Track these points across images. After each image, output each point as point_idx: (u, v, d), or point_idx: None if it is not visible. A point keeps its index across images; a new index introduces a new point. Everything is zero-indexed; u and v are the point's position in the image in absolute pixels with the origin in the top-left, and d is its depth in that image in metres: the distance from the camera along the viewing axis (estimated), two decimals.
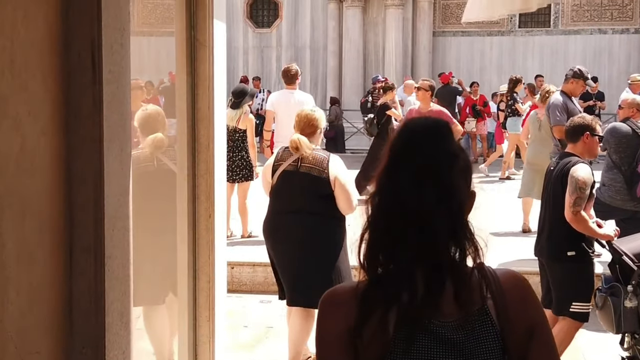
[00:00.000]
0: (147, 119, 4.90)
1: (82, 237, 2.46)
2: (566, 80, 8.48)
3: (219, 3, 4.46)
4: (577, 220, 5.19)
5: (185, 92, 4.34)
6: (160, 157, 4.75)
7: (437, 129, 1.81)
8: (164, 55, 5.21)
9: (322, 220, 5.30)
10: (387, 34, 22.21)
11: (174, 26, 4.32)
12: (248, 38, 24.17)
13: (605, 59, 22.37)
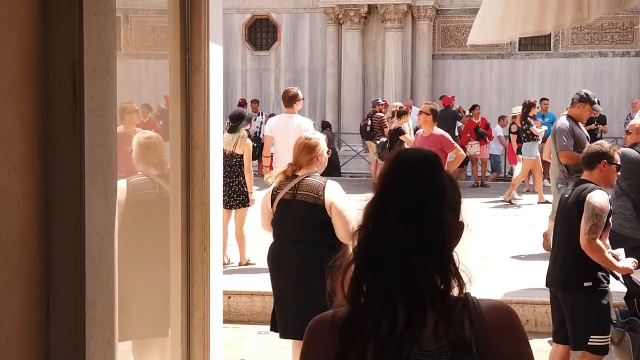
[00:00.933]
0: (147, 145, 4.69)
1: (60, 283, 2.22)
2: (573, 105, 8.28)
3: (215, 26, 4.25)
4: (593, 248, 4.97)
5: (179, 119, 4.12)
6: (163, 185, 4.54)
7: (427, 163, 1.85)
8: (161, 78, 4.99)
9: (321, 249, 5.07)
10: (386, 57, 22.08)
11: (168, 50, 4.10)
12: (247, 61, 24.04)
13: (606, 82, 22.22)
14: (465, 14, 22.84)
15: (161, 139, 4.75)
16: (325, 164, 5.31)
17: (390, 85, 21.98)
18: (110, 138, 2.43)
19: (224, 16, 17.73)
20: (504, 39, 4.49)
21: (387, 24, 21.88)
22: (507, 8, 4.20)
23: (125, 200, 4.43)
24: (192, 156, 4.13)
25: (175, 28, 4.06)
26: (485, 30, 5.03)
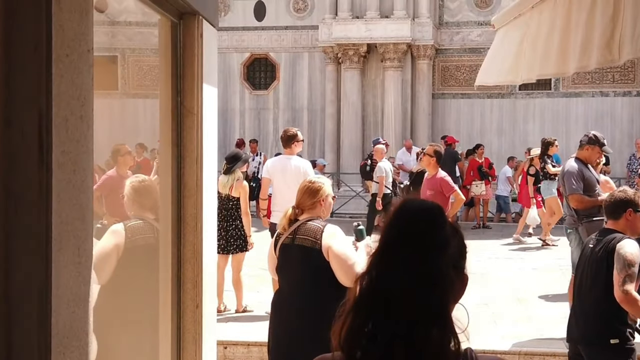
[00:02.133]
0: (141, 189, 4.39)
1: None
2: (581, 147, 8.01)
3: (209, 66, 3.97)
4: (628, 300, 4.64)
5: (170, 165, 3.82)
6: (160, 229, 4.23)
7: (430, 216, 1.86)
8: (158, 118, 4.71)
9: (321, 294, 4.77)
10: (385, 96, 21.89)
11: (158, 91, 3.82)
12: (245, 100, 23.87)
13: (607, 122, 22.02)
14: (465, 53, 22.74)
15: (154, 182, 4.47)
16: (329, 208, 5.05)
17: (389, 124, 21.77)
18: (84, 196, 2.12)
19: (221, 55, 17.62)
20: (516, 79, 4.21)
21: (387, 62, 21.74)
22: (520, 48, 3.94)
23: (124, 244, 4.12)
24: (184, 206, 3.82)
25: (166, 68, 3.78)
26: (496, 70, 4.76)
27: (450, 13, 22.91)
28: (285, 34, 23.58)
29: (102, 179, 4.98)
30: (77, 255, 2.08)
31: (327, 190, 5.00)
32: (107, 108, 4.27)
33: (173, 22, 3.78)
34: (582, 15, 2.78)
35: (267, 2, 23.61)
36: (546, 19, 3.34)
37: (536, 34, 3.54)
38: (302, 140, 9.54)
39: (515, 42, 4.01)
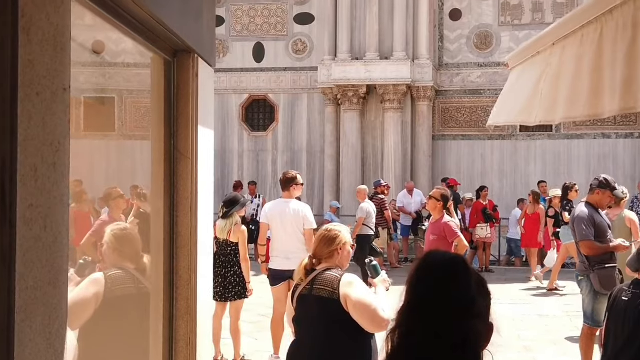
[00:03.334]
0: (122, 237, 4.10)
1: None
2: (591, 191, 7.74)
3: (205, 106, 3.71)
4: None
5: (162, 214, 3.54)
6: (142, 280, 3.93)
7: (456, 273, 1.92)
8: None
9: (340, 346, 4.49)
10: (385, 137, 21.69)
11: (150, 134, 3.56)
12: (243, 141, 23.68)
13: (610, 164, 21.79)
14: (465, 94, 22.61)
15: (135, 230, 4.18)
16: (348, 257, 4.79)
17: (389, 166, 21.54)
18: (58, 255, 1.84)
19: (220, 96, 17.42)
20: (529, 119, 3.95)
21: (386, 104, 21.57)
22: (537, 87, 3.68)
23: (104, 293, 3.82)
24: (177, 257, 3.53)
25: (159, 109, 3.52)
26: (509, 110, 4.49)
27: (450, 55, 22.82)
28: (284, 75, 23.48)
29: (96, 225, 4.74)
30: (47, 326, 1.79)
31: (345, 238, 4.76)
32: (104, 150, 4.02)
33: (166, 60, 3.53)
34: (620, 49, 2.52)
35: (266, 44, 23.55)
36: (571, 55, 3.09)
37: (557, 73, 3.29)
38: (302, 183, 9.31)
39: (531, 81, 3.76)
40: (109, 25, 2.79)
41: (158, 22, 3.02)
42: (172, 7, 3.21)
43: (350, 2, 21.76)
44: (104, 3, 2.62)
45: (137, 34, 3.07)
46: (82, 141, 3.77)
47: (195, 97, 3.57)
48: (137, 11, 2.79)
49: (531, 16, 22.27)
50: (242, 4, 23.66)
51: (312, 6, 23.25)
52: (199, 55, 3.61)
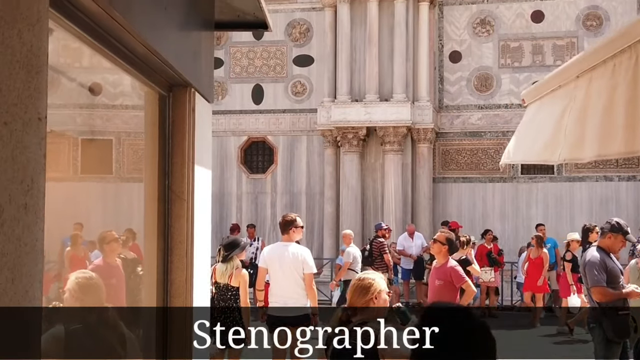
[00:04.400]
0: (87, 286, 3.80)
1: None
2: (603, 235, 7.49)
3: (202, 144, 3.47)
4: None
5: (155, 259, 3.27)
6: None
7: (460, 324, 1.95)
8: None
9: None
10: (386, 180, 21.47)
11: (143, 174, 3.31)
12: (242, 184, 23.46)
13: (612, 207, 21.54)
14: (465, 136, 22.46)
15: (100, 281, 3.89)
16: (384, 305, 4.49)
17: (390, 208, 21.29)
18: (28, 312, 1.57)
19: (219, 138, 17.22)
20: (552, 158, 3.69)
21: (386, 146, 21.41)
22: (560, 123, 3.43)
23: (64, 351, 3.51)
24: (170, 312, 3.25)
25: (152, 147, 3.28)
26: (526, 148, 4.22)
27: (450, 97, 22.71)
28: (283, 117, 23.34)
29: (89, 269, 4.50)
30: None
31: (379, 286, 4.48)
32: (101, 192, 3.78)
33: (161, 95, 3.30)
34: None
35: (265, 86, 23.46)
36: (600, 87, 2.86)
37: (584, 106, 3.05)
38: (302, 226, 9.07)
39: (553, 116, 3.51)
40: (99, 55, 2.56)
41: (152, 53, 2.79)
42: (167, 38, 2.99)
43: (350, 44, 21.71)
44: (93, 30, 2.39)
45: (129, 65, 2.84)
46: (77, 183, 3.55)
47: (191, 133, 3.34)
48: (128, 39, 2.56)
49: (531, 58, 22.21)
50: (241, 46, 23.62)
51: (311, 48, 23.21)
52: (196, 89, 3.38)
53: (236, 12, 3.89)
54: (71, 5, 2.04)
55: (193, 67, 3.37)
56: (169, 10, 2.87)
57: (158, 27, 2.74)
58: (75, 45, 2.36)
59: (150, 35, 2.68)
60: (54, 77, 2.00)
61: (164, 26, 2.83)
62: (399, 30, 21.35)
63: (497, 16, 22.33)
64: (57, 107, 2.40)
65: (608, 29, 21.61)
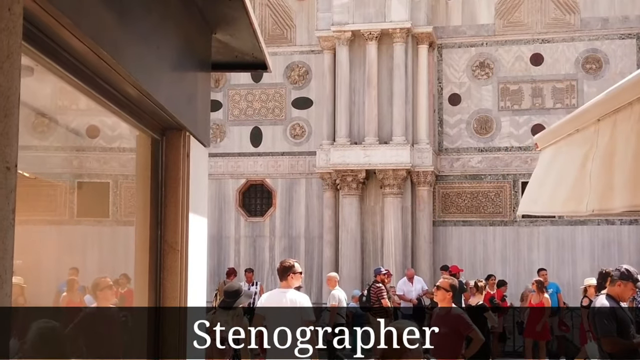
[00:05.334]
0: (46, 335, 3.54)
1: None
2: (612, 283, 7.24)
3: (197, 190, 3.26)
4: None
5: (145, 317, 3.04)
6: None
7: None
8: None
9: None
10: (385, 223, 21.25)
11: (134, 223, 3.09)
12: (240, 227, 23.22)
13: (614, 251, 21.31)
14: (466, 179, 22.29)
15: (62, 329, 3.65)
16: (418, 355, 4.22)
17: (389, 252, 21.04)
18: None
19: (216, 181, 16.97)
20: (579, 209, 3.44)
21: (386, 189, 21.22)
22: (583, 170, 3.22)
23: None
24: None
25: (144, 194, 3.07)
26: (547, 198, 3.99)
27: (450, 139, 22.59)
28: (282, 160, 23.19)
29: (79, 317, 4.27)
30: None
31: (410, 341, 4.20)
32: (97, 237, 3.56)
33: (154, 139, 3.09)
34: None
35: (263, 128, 23.35)
36: (626, 131, 2.65)
37: (610, 152, 2.84)
38: (300, 272, 8.81)
39: (574, 163, 3.30)
40: (84, 95, 2.36)
41: (144, 94, 2.60)
42: (160, 79, 2.80)
43: (349, 86, 21.65)
44: (77, 69, 2.19)
45: (118, 107, 2.64)
46: (70, 227, 3.36)
47: (186, 179, 3.12)
48: (117, 79, 2.37)
49: (531, 101, 22.13)
50: (240, 88, 23.56)
51: (310, 90, 23.15)
52: (191, 133, 3.18)
53: (234, 53, 3.72)
54: (50, 41, 1.85)
55: (188, 110, 3.18)
56: (162, 49, 2.68)
57: (150, 67, 2.55)
58: (57, 85, 2.17)
59: (141, 76, 2.49)
60: (29, 119, 1.79)
61: (156, 66, 2.64)
62: (398, 72, 21.31)
63: (496, 59, 22.30)
64: (36, 149, 2.21)
65: (608, 72, 21.58)
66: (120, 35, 2.16)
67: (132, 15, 2.30)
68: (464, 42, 22.49)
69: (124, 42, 2.21)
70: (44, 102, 2.16)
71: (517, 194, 21.99)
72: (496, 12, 22.38)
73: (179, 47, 2.96)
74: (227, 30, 3.46)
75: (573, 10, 21.96)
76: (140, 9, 2.38)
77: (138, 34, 2.34)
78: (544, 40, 22.06)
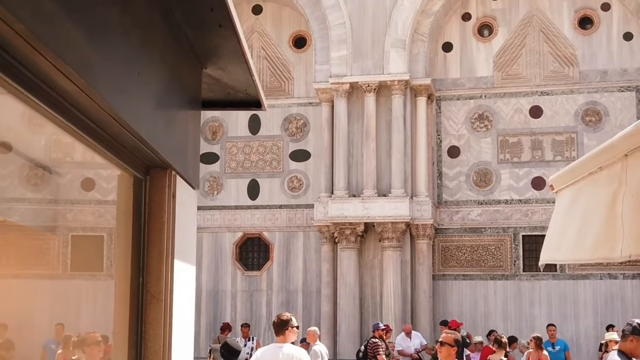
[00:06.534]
0: None
1: None
2: (624, 338, 6.90)
3: (184, 237, 2.98)
4: None
5: None
6: None
7: None
8: None
9: None
10: (384, 277, 20.91)
11: (113, 271, 2.81)
12: (236, 281, 22.85)
13: (617, 306, 20.93)
14: (466, 232, 22.01)
15: None
16: None
17: (389, 306, 20.66)
18: None
19: (213, 234, 16.72)
20: (612, 255, 3.15)
21: (385, 242, 20.93)
22: (612, 211, 2.94)
23: None
24: None
25: (125, 239, 2.79)
26: (573, 244, 3.67)
27: (449, 192, 22.37)
28: (279, 213, 22.92)
29: None
30: None
31: None
32: (91, 291, 3.28)
33: (137, 178, 2.83)
34: None
35: (261, 181, 23.15)
36: None
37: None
38: (297, 326, 8.49)
39: (601, 204, 3.02)
40: (52, 124, 2.10)
41: (122, 125, 2.34)
42: (142, 111, 2.55)
43: (347, 139, 21.51)
44: (44, 94, 1.94)
45: (95, 141, 2.39)
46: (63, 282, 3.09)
47: (171, 223, 2.85)
48: (89, 106, 2.11)
49: (531, 154, 21.98)
50: (237, 140, 23.41)
51: (308, 143, 23.00)
52: (177, 172, 2.92)
53: (226, 89, 3.48)
54: (16, 62, 1.61)
55: (175, 147, 2.92)
56: (144, 77, 2.43)
57: (128, 95, 2.30)
58: (21, 110, 1.91)
59: (119, 103, 2.23)
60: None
61: (136, 95, 2.39)
62: (396, 124, 21.19)
63: (495, 111, 22.20)
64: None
65: (608, 124, 21.48)
66: (90, 53, 1.91)
67: (106, 34, 2.06)
68: (462, 94, 22.43)
69: (96, 62, 1.96)
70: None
71: (517, 248, 21.70)
72: (494, 64, 22.35)
73: (164, 77, 2.71)
74: (218, 64, 3.22)
75: (572, 62, 21.94)
76: (116, 28, 2.13)
77: (114, 56, 2.10)
78: (543, 92, 22.00)
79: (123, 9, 2.14)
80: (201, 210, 23.02)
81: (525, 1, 22.37)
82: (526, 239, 21.76)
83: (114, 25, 2.10)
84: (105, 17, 2.05)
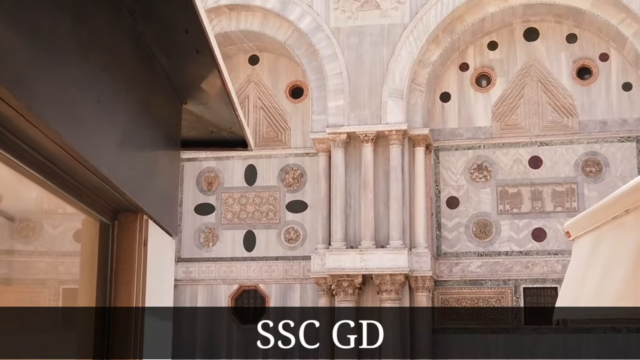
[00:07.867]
0: None
1: None
2: None
3: (157, 291, 2.64)
4: None
5: None
6: None
7: None
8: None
9: None
10: (383, 330, 20.42)
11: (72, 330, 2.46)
12: (232, 335, 22.34)
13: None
14: (465, 285, 21.60)
15: None
16: None
17: (388, 358, 20.15)
18: None
19: (208, 287, 16.24)
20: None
21: (383, 295, 20.52)
22: (638, 258, 2.62)
23: None
24: None
25: (89, 293, 2.45)
26: (593, 296, 3.31)
27: (449, 244, 22.00)
28: (275, 265, 22.52)
29: None
30: None
31: None
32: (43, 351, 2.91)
33: (103, 224, 2.50)
34: None
35: (257, 232, 22.80)
36: None
37: None
38: None
39: (626, 251, 2.70)
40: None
41: (81, 163, 2.02)
42: (106, 147, 2.23)
43: (345, 189, 21.22)
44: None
45: (51, 182, 2.06)
46: None
47: (141, 272, 2.50)
48: (36, 138, 1.80)
49: (531, 204, 21.67)
50: (233, 191, 23.12)
51: (304, 194, 22.70)
52: (150, 217, 2.58)
53: (209, 128, 3.17)
54: None
55: (147, 189, 2.60)
56: (105, 106, 2.12)
57: (85, 125, 1.98)
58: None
59: (75, 137, 1.92)
60: None
61: (94, 126, 2.07)
62: (394, 175, 20.92)
63: (494, 162, 21.95)
64: None
65: (608, 175, 21.23)
66: (28, 68, 1.60)
67: (52, 47, 1.75)
68: (461, 144, 22.20)
69: (37, 81, 1.64)
70: None
71: (518, 300, 21.27)
72: (493, 114, 22.18)
73: (131, 109, 2.40)
74: (198, 98, 2.92)
75: (571, 113, 21.76)
76: (68, 42, 1.83)
77: (62, 74, 1.78)
78: (542, 142, 21.78)
79: (76, 20, 1.83)
80: (196, 262, 22.63)
81: (523, 51, 22.28)
82: (527, 291, 21.35)
83: (64, 37, 1.79)
84: (52, 25, 1.74)
